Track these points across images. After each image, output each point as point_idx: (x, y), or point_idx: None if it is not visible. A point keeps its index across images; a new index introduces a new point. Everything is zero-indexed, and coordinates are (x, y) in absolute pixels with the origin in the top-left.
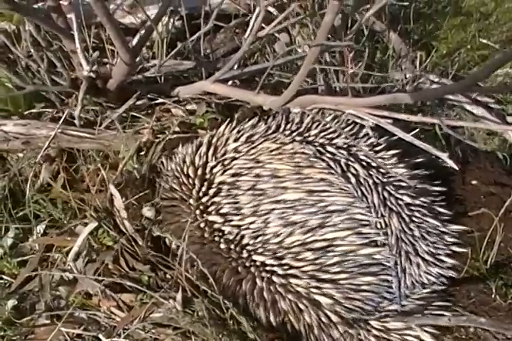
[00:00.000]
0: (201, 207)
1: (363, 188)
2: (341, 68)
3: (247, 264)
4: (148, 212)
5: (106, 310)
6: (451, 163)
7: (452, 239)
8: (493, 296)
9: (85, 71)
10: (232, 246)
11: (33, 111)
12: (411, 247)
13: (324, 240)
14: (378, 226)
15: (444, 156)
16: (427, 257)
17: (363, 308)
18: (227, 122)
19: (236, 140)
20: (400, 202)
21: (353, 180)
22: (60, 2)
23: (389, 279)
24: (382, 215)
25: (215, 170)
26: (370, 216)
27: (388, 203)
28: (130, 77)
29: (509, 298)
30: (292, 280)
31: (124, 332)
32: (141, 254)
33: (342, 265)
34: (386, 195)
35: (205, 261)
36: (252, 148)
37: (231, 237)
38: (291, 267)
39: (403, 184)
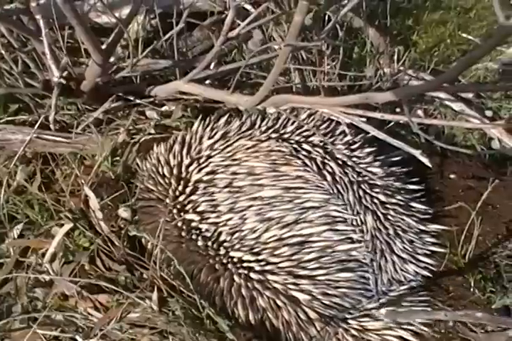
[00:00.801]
0: (178, 206)
1: (338, 186)
2: (316, 68)
3: (225, 261)
4: (124, 212)
5: (83, 311)
6: (424, 161)
7: (431, 239)
8: (471, 290)
9: (55, 77)
10: (210, 244)
11: (8, 118)
12: (386, 245)
13: (301, 235)
14: (354, 223)
15: (417, 154)
16: (403, 255)
17: (341, 305)
18: (199, 120)
19: (210, 137)
20: (376, 201)
21: (328, 178)
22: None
23: (366, 276)
24: (358, 213)
25: (190, 169)
26: (345, 213)
27: (363, 201)
28: (104, 77)
29: (487, 291)
30: (270, 277)
31: (101, 333)
32: (117, 255)
33: (319, 261)
34: (361, 193)
35: (182, 260)
36: (228, 145)
37: (208, 234)
38: (268, 263)
39: (379, 182)
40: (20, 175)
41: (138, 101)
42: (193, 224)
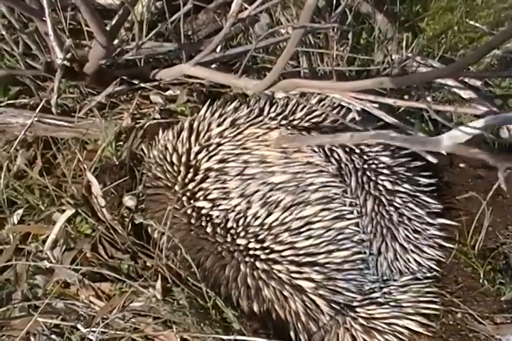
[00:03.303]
0: (188, 194)
1: (343, 172)
2: (325, 51)
3: (232, 249)
4: (129, 201)
5: (84, 299)
6: (430, 159)
7: (439, 233)
8: (481, 281)
9: (59, 59)
10: (218, 230)
11: (9, 101)
12: (386, 230)
13: (300, 218)
14: (353, 204)
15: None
16: (405, 244)
17: (346, 288)
18: (207, 105)
19: (219, 124)
20: (380, 188)
21: (335, 165)
22: None
23: (362, 251)
24: (358, 197)
25: (199, 157)
26: (346, 196)
27: (366, 186)
28: (108, 60)
29: (497, 282)
30: (274, 266)
31: (103, 322)
32: (121, 242)
33: (318, 247)
34: (365, 179)
35: (191, 248)
36: (238, 133)
37: (218, 221)
38: (273, 251)
39: (385, 171)
40: (21, 160)
41: (142, 85)
42: (204, 211)
